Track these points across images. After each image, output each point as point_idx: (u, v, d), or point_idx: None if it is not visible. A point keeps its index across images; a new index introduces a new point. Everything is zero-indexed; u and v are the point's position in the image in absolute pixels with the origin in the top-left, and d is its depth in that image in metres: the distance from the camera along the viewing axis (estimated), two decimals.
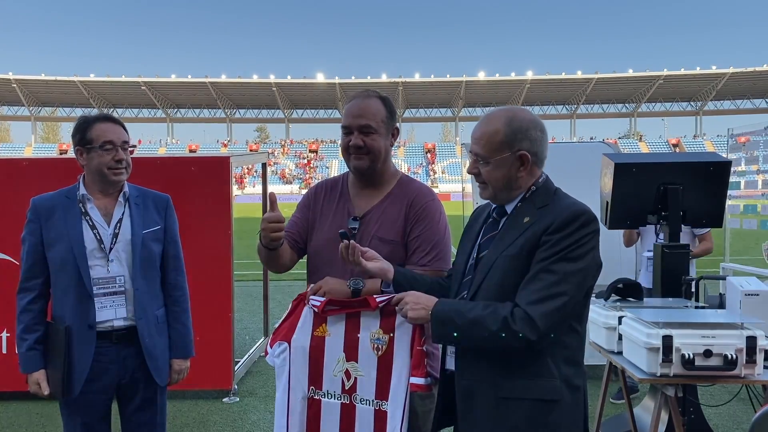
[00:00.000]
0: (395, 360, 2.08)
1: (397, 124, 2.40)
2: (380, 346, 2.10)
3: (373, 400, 2.10)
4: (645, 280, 4.57)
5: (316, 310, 2.15)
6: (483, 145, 1.92)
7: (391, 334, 2.08)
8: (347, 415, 2.12)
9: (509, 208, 1.97)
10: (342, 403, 2.13)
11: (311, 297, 2.17)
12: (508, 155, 1.89)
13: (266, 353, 2.24)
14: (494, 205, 2.03)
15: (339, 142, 2.40)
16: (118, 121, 2.59)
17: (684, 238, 3.54)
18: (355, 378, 2.12)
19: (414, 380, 2.03)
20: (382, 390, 2.09)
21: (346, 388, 2.13)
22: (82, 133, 2.52)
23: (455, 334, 1.85)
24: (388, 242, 2.26)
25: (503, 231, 1.95)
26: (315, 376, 2.15)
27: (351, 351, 2.12)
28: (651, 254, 4.81)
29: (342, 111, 2.60)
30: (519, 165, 1.90)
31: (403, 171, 2.59)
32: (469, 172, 2.00)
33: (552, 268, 1.78)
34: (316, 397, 2.15)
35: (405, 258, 2.28)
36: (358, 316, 2.13)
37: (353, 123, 2.26)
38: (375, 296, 2.11)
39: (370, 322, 2.11)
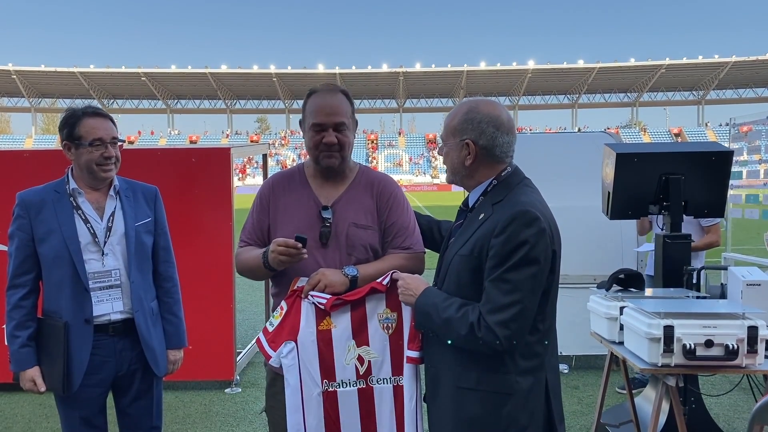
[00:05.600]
0: (405, 334, 2.12)
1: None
2: (390, 325, 2.13)
3: (390, 378, 2.14)
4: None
5: (322, 307, 2.12)
6: (443, 129, 2.07)
7: (399, 311, 2.13)
8: (366, 398, 2.14)
9: (471, 201, 2.03)
10: (359, 388, 2.14)
11: (312, 293, 2.14)
12: (457, 141, 1.99)
13: (268, 357, 2.15)
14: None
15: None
16: (107, 115, 2.55)
17: (689, 228, 3.53)
18: (369, 361, 2.13)
19: (409, 353, 2.10)
20: (398, 366, 2.13)
21: (361, 373, 2.14)
22: (71, 128, 2.47)
23: (432, 329, 1.96)
24: (364, 228, 2.27)
25: (464, 226, 2.02)
26: (327, 369, 2.13)
27: (361, 336, 2.13)
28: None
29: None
30: (466, 153, 1.97)
31: (405, 161, 2.58)
32: (437, 153, 2.15)
33: (504, 277, 1.80)
34: (330, 389, 2.14)
35: (380, 243, 2.30)
36: (363, 301, 2.14)
37: (327, 121, 2.21)
38: (378, 279, 2.14)
39: (377, 304, 2.14)
